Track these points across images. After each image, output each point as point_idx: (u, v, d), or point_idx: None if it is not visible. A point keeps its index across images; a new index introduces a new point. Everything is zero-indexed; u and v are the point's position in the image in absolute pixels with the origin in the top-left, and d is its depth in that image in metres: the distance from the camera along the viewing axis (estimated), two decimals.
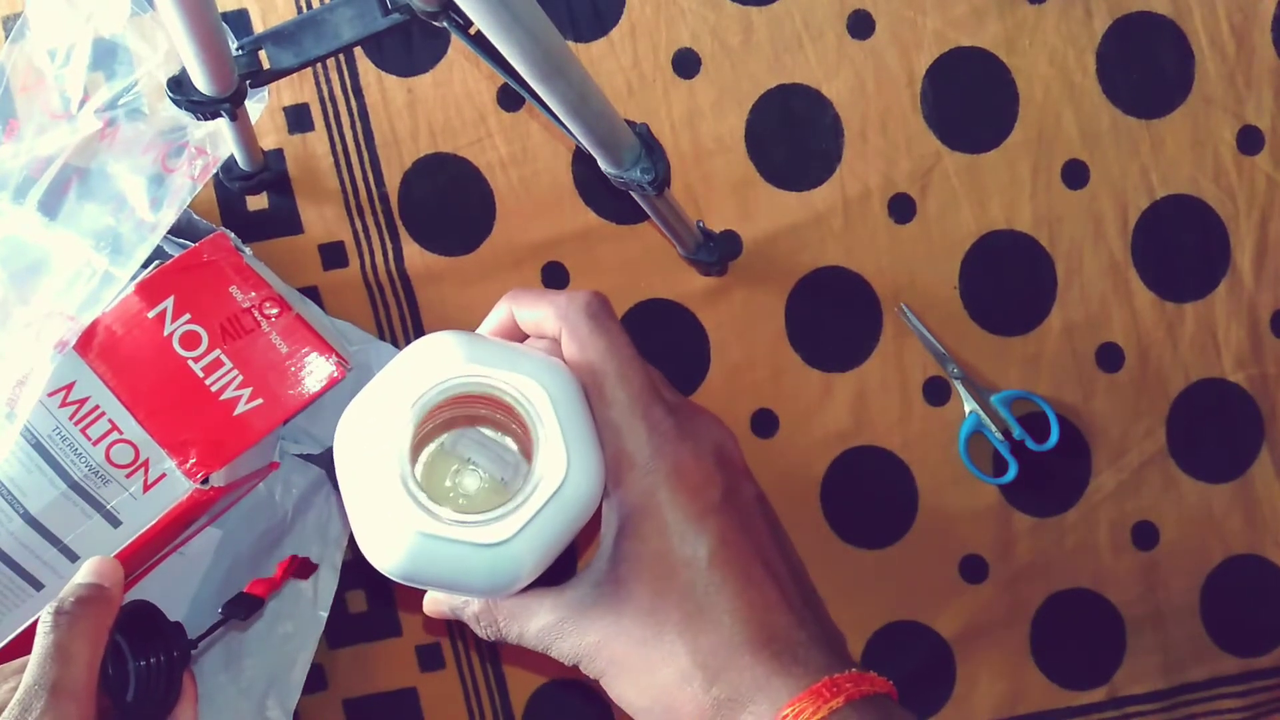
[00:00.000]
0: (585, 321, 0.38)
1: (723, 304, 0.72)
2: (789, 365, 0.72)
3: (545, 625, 0.38)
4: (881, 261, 0.72)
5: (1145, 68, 0.72)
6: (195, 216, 0.65)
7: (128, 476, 0.59)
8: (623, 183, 0.51)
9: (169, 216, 0.60)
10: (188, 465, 0.59)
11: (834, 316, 0.72)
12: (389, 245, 0.71)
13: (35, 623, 0.59)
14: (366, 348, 0.68)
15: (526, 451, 0.37)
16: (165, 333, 0.60)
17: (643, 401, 0.37)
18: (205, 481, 0.59)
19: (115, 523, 0.59)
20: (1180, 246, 0.72)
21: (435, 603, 0.42)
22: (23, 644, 0.59)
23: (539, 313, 0.39)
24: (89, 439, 0.59)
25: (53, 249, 0.60)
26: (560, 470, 0.34)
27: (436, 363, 0.36)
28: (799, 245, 0.72)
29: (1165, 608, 0.72)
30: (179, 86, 0.52)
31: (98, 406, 0.59)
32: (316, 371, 0.61)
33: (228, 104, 0.53)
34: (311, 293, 0.70)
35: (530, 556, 0.35)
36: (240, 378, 0.61)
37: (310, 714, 0.71)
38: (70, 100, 0.62)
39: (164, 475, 0.59)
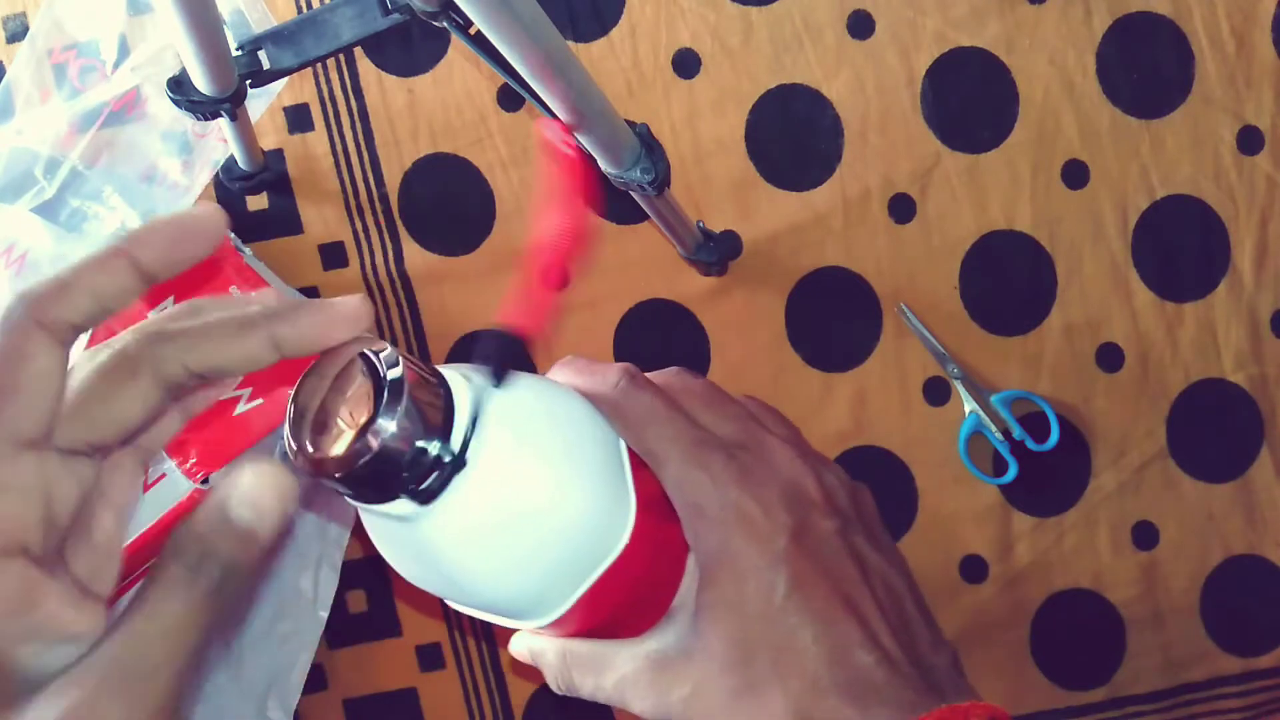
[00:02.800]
0: (622, 398, 0.37)
1: (723, 304, 0.71)
2: (789, 365, 0.72)
3: (623, 677, 0.37)
4: (881, 261, 0.72)
5: (1145, 68, 0.72)
6: None
7: None
8: (623, 183, 0.51)
9: (203, 177, 0.61)
10: (188, 465, 0.59)
11: (834, 316, 0.72)
12: (389, 245, 0.71)
13: None
14: None
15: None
16: None
17: (697, 452, 0.36)
18: (205, 481, 0.59)
19: None
20: (1180, 246, 0.72)
21: (516, 644, 0.42)
22: None
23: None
24: None
25: (87, 215, 0.60)
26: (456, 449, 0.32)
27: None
28: (799, 245, 0.72)
29: (1165, 608, 0.72)
30: (179, 86, 0.52)
31: None
32: None
33: (228, 104, 0.53)
34: (311, 293, 0.70)
35: (481, 563, 0.34)
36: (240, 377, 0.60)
37: (310, 714, 0.71)
38: (106, 62, 0.62)
39: (164, 475, 0.59)
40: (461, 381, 0.34)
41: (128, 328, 0.30)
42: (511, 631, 0.41)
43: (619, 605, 0.38)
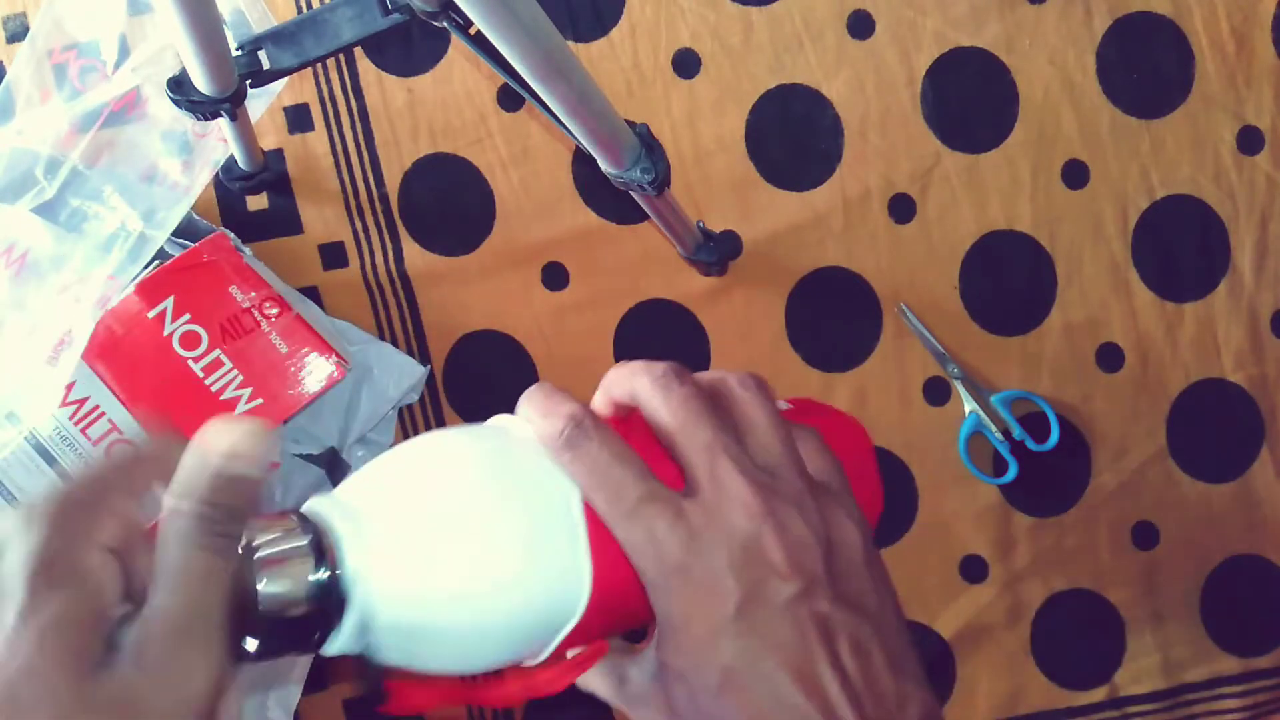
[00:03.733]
0: (564, 451, 0.35)
1: (723, 304, 0.71)
2: (789, 365, 0.72)
3: (617, 697, 0.38)
4: (881, 261, 0.72)
5: (1145, 68, 0.72)
6: (195, 216, 0.65)
7: None
8: (623, 183, 0.51)
9: (203, 177, 0.61)
10: None
11: (834, 316, 0.72)
12: (389, 245, 0.71)
13: None
14: (366, 348, 0.68)
15: None
16: (165, 333, 0.60)
17: (643, 511, 0.34)
18: None
19: None
20: (1180, 246, 0.72)
21: None
22: None
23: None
24: (89, 439, 0.59)
25: (87, 215, 0.60)
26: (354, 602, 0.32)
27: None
28: (799, 245, 0.72)
29: (1165, 608, 0.72)
30: (179, 86, 0.52)
31: (98, 406, 0.59)
32: (316, 371, 0.61)
33: (228, 104, 0.53)
34: (311, 293, 0.70)
35: (439, 661, 0.34)
36: (240, 378, 0.61)
37: (310, 714, 0.71)
38: (106, 63, 0.62)
39: None
40: (336, 516, 0.33)
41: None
42: None
43: (610, 630, 0.38)
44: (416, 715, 0.72)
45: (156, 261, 0.62)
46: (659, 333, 0.71)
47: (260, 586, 0.30)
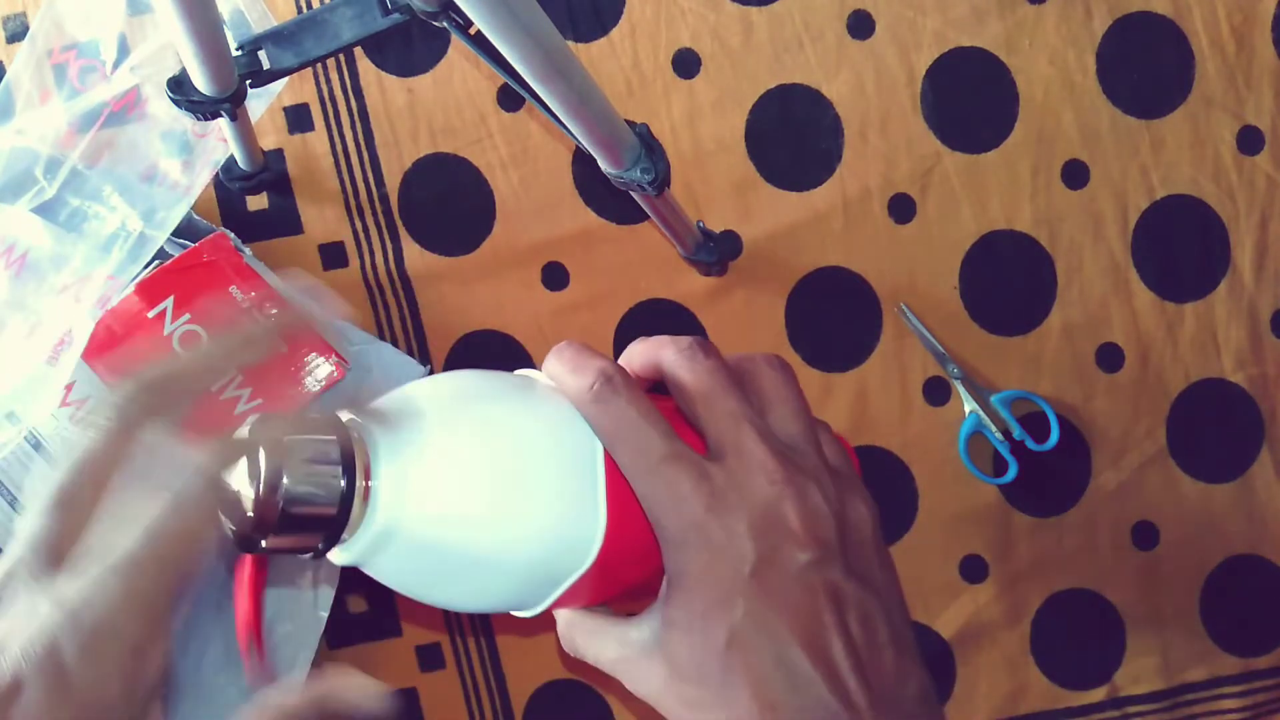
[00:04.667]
0: (592, 404, 0.35)
1: (723, 304, 0.72)
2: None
3: (615, 658, 0.37)
4: (881, 261, 0.72)
5: (1145, 68, 0.72)
6: (195, 216, 0.65)
7: None
8: (623, 183, 0.51)
9: (203, 177, 0.61)
10: None
11: (834, 316, 0.72)
12: (389, 245, 0.71)
13: None
14: (366, 348, 0.68)
15: None
16: (165, 333, 0.60)
17: (667, 469, 0.35)
18: None
19: None
20: (1180, 246, 0.72)
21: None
22: None
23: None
24: None
25: (87, 215, 0.61)
26: (377, 514, 0.33)
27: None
28: (799, 245, 0.72)
29: (1165, 608, 0.72)
30: (179, 86, 0.52)
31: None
32: (316, 371, 0.61)
33: (228, 104, 0.53)
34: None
35: (439, 588, 0.34)
36: (240, 377, 0.61)
37: None
38: (106, 63, 0.62)
39: None
40: (375, 421, 0.33)
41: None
42: None
43: (606, 595, 0.38)
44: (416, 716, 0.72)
45: (156, 261, 0.62)
46: (659, 332, 0.71)
47: (287, 483, 0.31)
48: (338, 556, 0.33)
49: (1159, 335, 0.72)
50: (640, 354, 0.39)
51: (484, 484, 0.34)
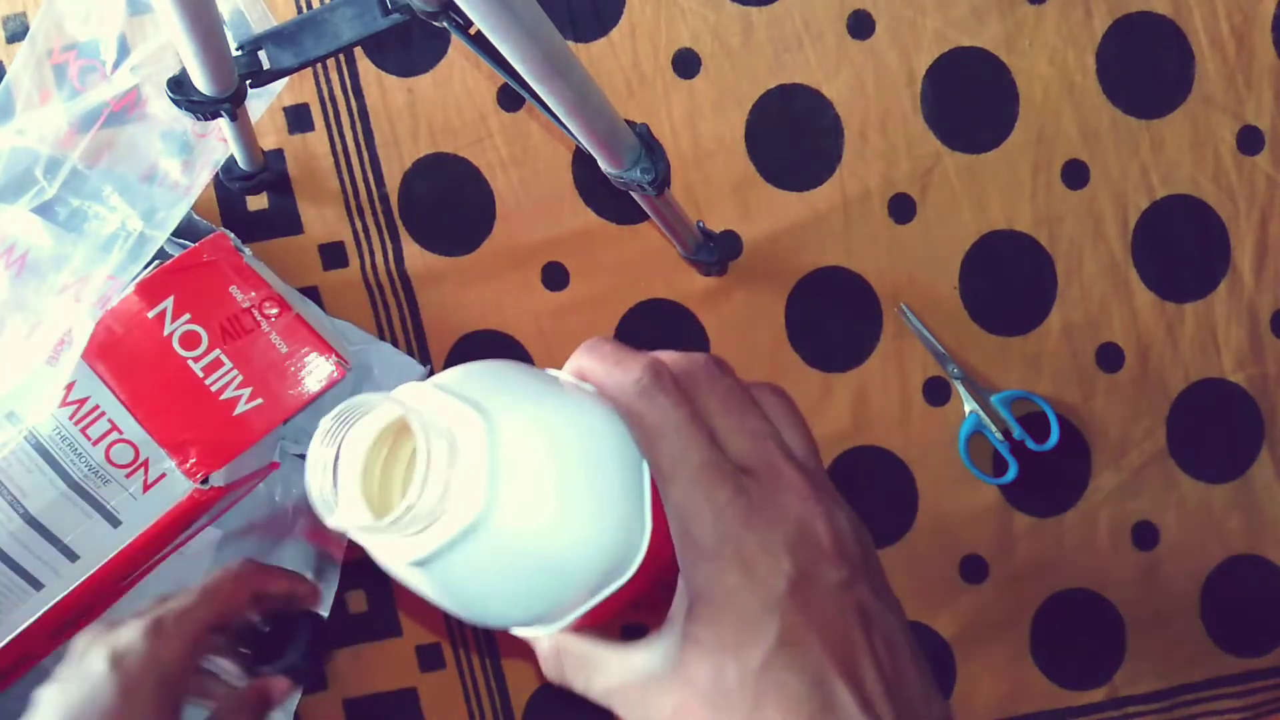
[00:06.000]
0: (639, 399, 0.34)
1: (723, 304, 0.71)
2: (789, 365, 0.72)
3: (611, 687, 0.36)
4: (881, 261, 0.72)
5: (1145, 68, 0.72)
6: (195, 216, 0.65)
7: (128, 476, 0.59)
8: (623, 183, 0.51)
9: (203, 177, 0.61)
10: (188, 465, 0.59)
11: (834, 316, 0.72)
12: (389, 245, 0.71)
13: (36, 622, 0.59)
14: (366, 348, 0.68)
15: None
16: (165, 333, 0.60)
17: (705, 478, 0.34)
18: (205, 481, 0.59)
19: (115, 522, 0.59)
20: (1180, 246, 0.72)
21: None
22: (24, 643, 0.59)
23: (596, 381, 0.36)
24: (89, 439, 0.59)
25: (87, 215, 0.61)
26: (474, 506, 0.31)
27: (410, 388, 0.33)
28: (799, 245, 0.72)
29: (1165, 608, 0.72)
30: (179, 86, 0.52)
31: (98, 406, 0.59)
32: (316, 371, 0.61)
33: (228, 104, 0.53)
34: (311, 293, 0.70)
35: (479, 589, 0.33)
36: (240, 378, 0.61)
37: (310, 714, 0.71)
38: (106, 63, 0.62)
39: (164, 475, 0.59)
40: (469, 418, 0.32)
41: None
42: None
43: (623, 613, 0.37)
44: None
45: (156, 261, 0.62)
46: (659, 333, 0.71)
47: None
48: (416, 547, 0.32)
49: (1159, 335, 0.72)
50: (587, 369, 0.37)
51: (570, 481, 0.33)
